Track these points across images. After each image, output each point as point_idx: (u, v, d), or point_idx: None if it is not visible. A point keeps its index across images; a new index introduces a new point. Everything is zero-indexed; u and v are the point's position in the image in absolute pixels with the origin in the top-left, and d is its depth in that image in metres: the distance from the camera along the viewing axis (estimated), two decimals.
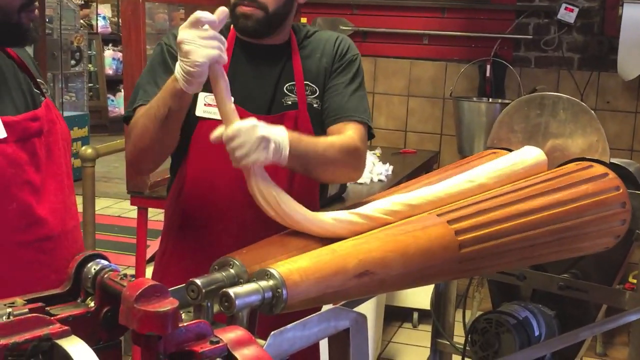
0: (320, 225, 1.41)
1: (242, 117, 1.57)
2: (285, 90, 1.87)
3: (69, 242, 1.60)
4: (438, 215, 1.48)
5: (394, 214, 1.47)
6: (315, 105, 1.87)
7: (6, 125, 1.46)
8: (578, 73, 4.41)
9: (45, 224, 1.53)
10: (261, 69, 1.88)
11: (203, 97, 1.82)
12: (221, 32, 1.77)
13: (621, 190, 1.80)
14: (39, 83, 1.63)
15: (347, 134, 1.79)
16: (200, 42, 1.47)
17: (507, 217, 1.53)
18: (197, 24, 1.48)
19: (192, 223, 1.87)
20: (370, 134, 1.89)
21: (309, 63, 1.90)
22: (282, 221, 1.43)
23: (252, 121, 1.48)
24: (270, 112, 1.84)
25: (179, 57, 1.52)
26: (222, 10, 1.50)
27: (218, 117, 1.77)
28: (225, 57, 1.51)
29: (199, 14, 1.48)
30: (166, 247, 1.94)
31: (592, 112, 1.89)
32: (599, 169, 1.79)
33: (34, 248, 1.51)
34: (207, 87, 1.76)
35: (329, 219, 1.42)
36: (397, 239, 1.38)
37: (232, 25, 1.88)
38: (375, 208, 1.47)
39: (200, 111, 1.83)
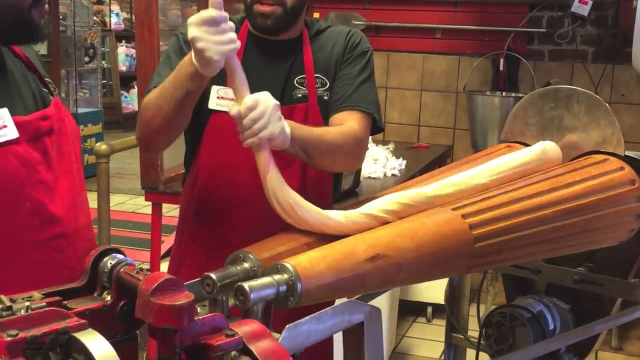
0: (337, 229, 1.41)
1: None
2: (296, 83, 1.87)
3: (82, 239, 1.61)
4: (452, 209, 1.47)
5: (408, 208, 1.46)
6: (325, 98, 1.88)
7: (18, 126, 1.46)
8: (592, 66, 4.38)
9: (59, 222, 1.53)
10: (272, 63, 1.88)
11: (216, 90, 1.83)
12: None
13: (637, 185, 1.79)
14: (47, 82, 1.64)
15: (348, 123, 1.80)
16: (214, 38, 1.47)
17: (522, 211, 1.52)
18: (211, 23, 1.47)
19: (207, 216, 1.89)
20: (378, 127, 1.89)
21: (319, 55, 1.91)
22: (299, 226, 1.43)
23: (265, 92, 1.49)
24: (283, 104, 1.83)
25: (193, 54, 1.52)
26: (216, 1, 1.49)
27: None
28: (238, 44, 1.51)
29: (212, 12, 1.47)
30: (181, 240, 1.96)
31: (607, 105, 1.88)
32: (614, 162, 1.78)
33: (48, 246, 1.52)
34: (220, 80, 1.78)
35: (344, 221, 1.41)
36: (406, 226, 1.38)
37: (245, 19, 1.88)
38: (388, 202, 1.47)
39: (213, 104, 1.84)
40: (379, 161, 3.55)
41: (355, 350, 1.31)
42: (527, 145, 1.89)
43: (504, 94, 4.43)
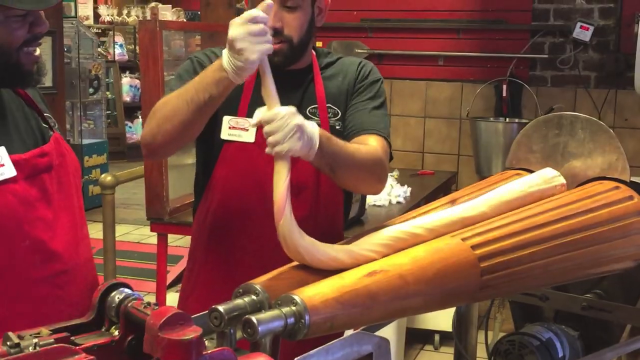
0: (348, 265, 1.40)
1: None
2: (308, 113, 1.89)
3: (83, 275, 1.60)
4: (455, 237, 1.47)
5: (414, 238, 1.46)
6: (337, 127, 1.90)
7: (15, 164, 1.46)
8: (595, 91, 4.40)
9: (60, 259, 1.53)
10: (283, 93, 1.87)
11: (227, 120, 1.85)
12: None
13: None
14: (47, 117, 1.64)
15: (370, 144, 1.80)
16: (253, 39, 1.50)
17: (531, 242, 1.52)
18: (254, 21, 1.50)
19: (218, 244, 1.90)
20: (390, 155, 1.90)
21: (330, 85, 1.94)
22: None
23: (291, 108, 1.48)
24: None
25: (229, 54, 1.54)
26: (268, 4, 1.53)
27: (243, 139, 1.84)
28: (272, 46, 1.55)
29: (254, 12, 1.52)
30: (193, 267, 1.98)
31: (611, 130, 1.88)
32: (623, 191, 1.78)
33: (49, 283, 1.51)
34: (230, 111, 1.81)
35: (351, 261, 1.40)
36: (415, 255, 1.38)
37: None
38: (394, 232, 1.46)
39: (225, 134, 1.86)
40: (384, 189, 3.55)
41: None
42: (531, 172, 1.89)
43: (507, 119, 4.44)
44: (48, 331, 0.96)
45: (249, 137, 1.86)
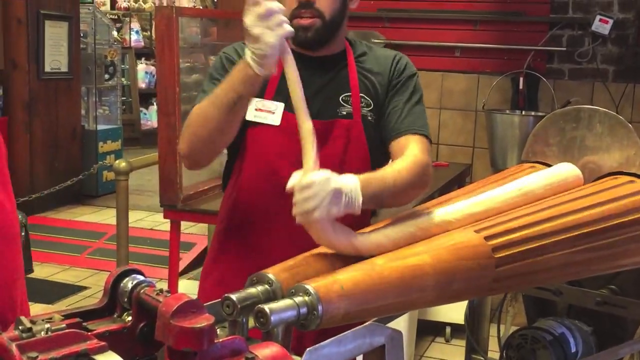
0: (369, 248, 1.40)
1: (293, 121, 1.58)
2: (341, 101, 1.88)
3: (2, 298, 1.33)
4: (475, 231, 1.46)
5: (429, 229, 1.45)
6: (369, 118, 1.88)
7: None
8: (613, 85, 4.36)
9: None
10: (316, 79, 1.88)
11: (255, 102, 1.85)
12: None
13: None
14: None
15: (410, 152, 1.77)
16: (268, 22, 1.51)
17: (546, 234, 1.50)
18: (260, 4, 1.51)
19: (247, 224, 1.91)
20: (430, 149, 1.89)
21: (365, 77, 1.91)
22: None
23: (325, 173, 1.42)
24: (325, 119, 1.85)
25: (248, 44, 1.55)
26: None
27: (268, 121, 1.85)
28: (291, 29, 1.55)
29: (266, 4, 1.52)
30: (218, 246, 1.99)
31: (629, 125, 1.86)
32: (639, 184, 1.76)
33: None
34: (259, 93, 1.79)
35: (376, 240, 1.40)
36: (429, 247, 1.37)
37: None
38: (409, 223, 1.45)
39: (251, 116, 1.85)
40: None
41: None
42: (548, 165, 1.88)
43: (523, 112, 4.41)
44: (60, 316, 0.96)
45: (275, 120, 1.86)
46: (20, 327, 0.87)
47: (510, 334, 2.02)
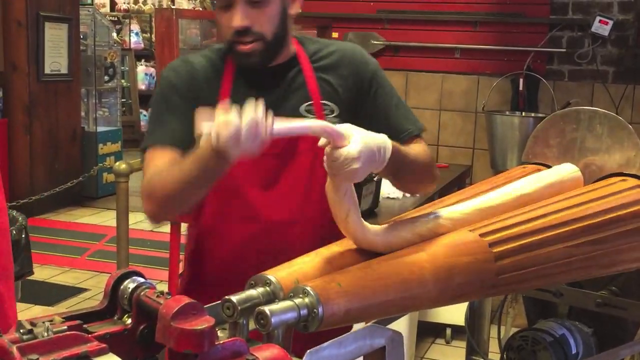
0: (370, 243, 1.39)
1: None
2: (303, 112, 1.77)
3: None
4: (471, 230, 1.46)
5: (434, 229, 1.45)
6: None
7: None
8: (613, 86, 4.37)
9: None
10: (271, 94, 1.74)
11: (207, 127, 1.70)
12: (216, 65, 1.75)
13: None
14: None
15: (416, 144, 1.77)
16: (241, 142, 1.33)
17: (545, 229, 1.50)
18: (235, 132, 1.33)
19: (211, 253, 1.85)
20: None
21: (324, 80, 1.80)
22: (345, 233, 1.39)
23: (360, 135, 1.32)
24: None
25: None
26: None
27: None
28: (267, 131, 1.33)
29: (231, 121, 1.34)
30: (187, 273, 1.95)
31: (629, 126, 1.86)
32: (638, 184, 1.76)
33: None
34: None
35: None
36: (429, 249, 1.37)
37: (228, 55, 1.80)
38: (412, 225, 1.45)
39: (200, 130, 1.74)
40: None
41: None
42: (548, 166, 1.88)
43: (523, 114, 4.42)
44: (61, 319, 0.96)
45: None
46: (21, 330, 0.87)
47: (511, 335, 2.02)
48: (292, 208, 1.77)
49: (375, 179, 2.98)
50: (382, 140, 1.37)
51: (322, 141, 1.33)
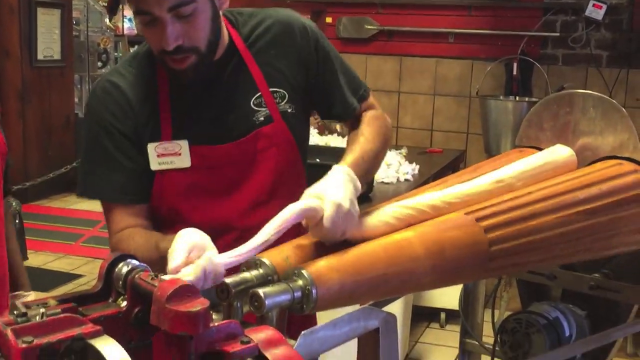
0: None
1: (208, 154, 1.54)
2: (253, 106, 1.65)
3: None
4: (466, 213, 1.46)
5: (422, 213, 1.45)
6: (290, 110, 1.68)
7: None
8: (606, 70, 4.37)
9: None
10: (215, 94, 1.65)
11: (153, 148, 1.61)
12: (146, 78, 1.62)
13: None
14: None
15: (368, 113, 1.75)
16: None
17: (538, 213, 1.51)
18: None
19: None
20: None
21: (268, 65, 1.68)
22: None
23: (335, 202, 1.30)
24: (242, 135, 1.64)
25: None
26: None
27: (176, 165, 1.60)
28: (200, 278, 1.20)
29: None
30: None
31: (623, 109, 1.86)
32: (632, 166, 1.77)
33: None
34: (154, 136, 1.61)
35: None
36: (421, 230, 1.37)
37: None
38: (402, 207, 1.45)
39: (155, 164, 1.61)
40: (392, 166, 3.55)
41: (371, 357, 1.29)
42: (541, 150, 1.88)
43: (517, 98, 4.42)
44: (55, 301, 0.96)
45: (184, 162, 1.61)
46: (15, 312, 0.87)
47: (505, 318, 2.03)
48: (264, 210, 1.61)
49: None
50: (338, 172, 1.38)
51: (303, 222, 1.31)
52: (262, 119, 1.65)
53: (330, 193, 1.31)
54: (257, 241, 1.24)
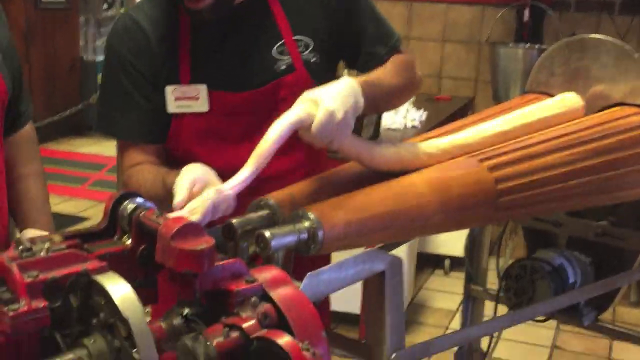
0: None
1: (227, 100, 1.51)
2: (275, 54, 1.60)
3: None
4: (472, 157, 1.45)
5: (430, 156, 1.44)
6: (313, 60, 1.63)
7: None
8: (619, 17, 4.29)
9: None
10: (236, 39, 1.60)
11: (171, 92, 1.58)
12: (168, 16, 1.57)
13: None
14: None
15: (396, 58, 1.67)
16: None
17: (544, 153, 1.50)
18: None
19: None
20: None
21: (293, 14, 1.62)
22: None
23: (328, 110, 1.25)
24: (263, 84, 1.61)
25: None
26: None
27: (194, 109, 1.58)
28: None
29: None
30: None
31: (637, 54, 1.83)
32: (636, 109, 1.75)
33: None
34: (173, 79, 1.58)
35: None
36: (430, 175, 1.36)
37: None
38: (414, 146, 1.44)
39: (173, 107, 1.59)
40: (399, 112, 3.52)
41: (376, 300, 1.30)
42: (552, 96, 1.86)
43: (527, 45, 4.35)
44: (60, 237, 0.96)
45: (201, 106, 1.58)
46: (20, 247, 0.87)
47: (510, 264, 2.03)
48: (281, 158, 1.55)
49: None
50: (342, 82, 1.32)
51: (300, 132, 1.28)
52: (283, 67, 1.61)
53: (326, 100, 1.26)
54: (258, 157, 1.25)
